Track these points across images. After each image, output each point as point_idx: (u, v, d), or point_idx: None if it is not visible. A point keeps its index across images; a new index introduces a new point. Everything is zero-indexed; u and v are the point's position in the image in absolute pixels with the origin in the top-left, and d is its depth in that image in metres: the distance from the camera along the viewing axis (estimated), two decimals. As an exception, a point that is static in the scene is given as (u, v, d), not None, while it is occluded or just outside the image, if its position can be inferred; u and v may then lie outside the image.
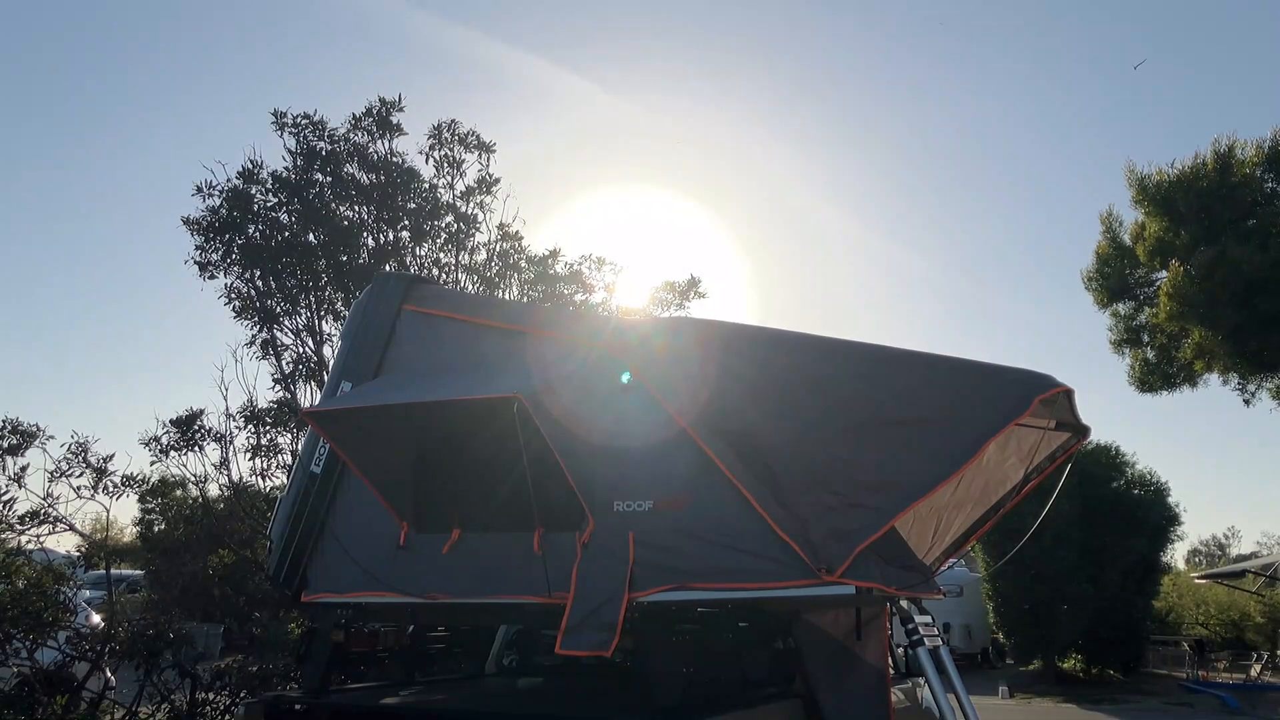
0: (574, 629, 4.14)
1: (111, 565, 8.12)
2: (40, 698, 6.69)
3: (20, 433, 7.69)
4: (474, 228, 10.08)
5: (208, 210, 9.23)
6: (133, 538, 29.15)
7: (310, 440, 4.99)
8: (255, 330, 9.03)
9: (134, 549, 24.50)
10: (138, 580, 14.30)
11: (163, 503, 17.81)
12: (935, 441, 4.03)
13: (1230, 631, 33.54)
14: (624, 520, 4.27)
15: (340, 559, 4.73)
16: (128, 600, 8.86)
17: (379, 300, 5.06)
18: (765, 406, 4.24)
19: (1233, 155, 17.92)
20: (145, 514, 23.49)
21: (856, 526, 3.96)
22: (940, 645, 4.67)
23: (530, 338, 4.66)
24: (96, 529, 7.86)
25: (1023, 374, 4.13)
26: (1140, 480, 25.61)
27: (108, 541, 7.79)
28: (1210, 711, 19.70)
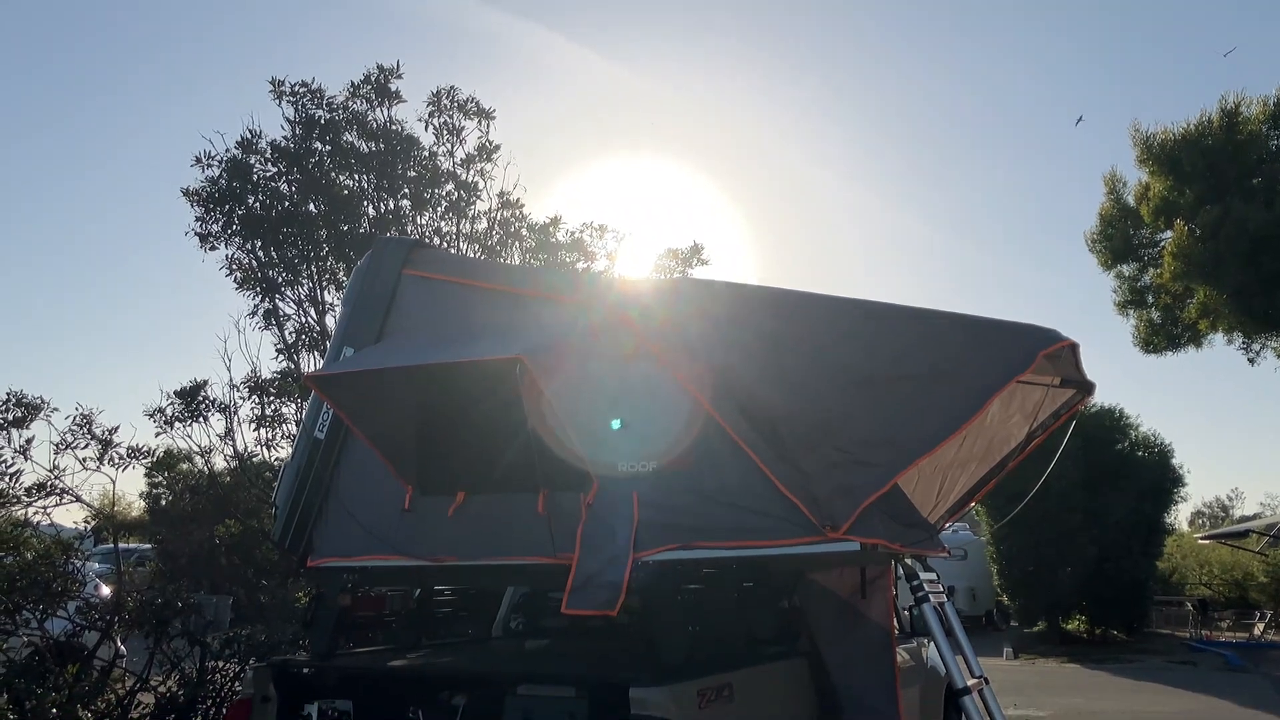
0: (580, 588, 4.16)
1: (120, 539, 8.12)
2: (51, 667, 6.74)
3: (24, 405, 7.67)
4: (475, 196, 10.03)
5: (207, 181, 9.20)
6: (140, 512, 29.23)
7: (314, 406, 4.99)
8: (257, 300, 9.03)
9: (142, 523, 24.60)
10: (146, 554, 14.39)
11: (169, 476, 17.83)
12: (939, 397, 4.03)
13: (1233, 591, 33.70)
14: (628, 480, 4.27)
15: (346, 523, 4.74)
16: (137, 573, 8.89)
17: (380, 265, 5.04)
18: (769, 364, 4.23)
19: (1239, 113, 17.80)
20: (152, 488, 23.60)
21: (861, 483, 3.96)
22: (945, 602, 4.69)
23: (533, 301, 4.65)
24: (104, 502, 7.87)
25: (1027, 328, 4.12)
26: (1144, 442, 25.67)
27: (115, 514, 7.80)
28: (1213, 669, 19.83)
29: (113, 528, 8.19)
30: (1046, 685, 17.09)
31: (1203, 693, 16.22)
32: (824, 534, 3.96)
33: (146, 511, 25.70)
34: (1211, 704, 14.92)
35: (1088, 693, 16.34)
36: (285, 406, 9.10)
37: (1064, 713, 13.89)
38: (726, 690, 4.20)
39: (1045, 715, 13.53)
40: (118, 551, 8.04)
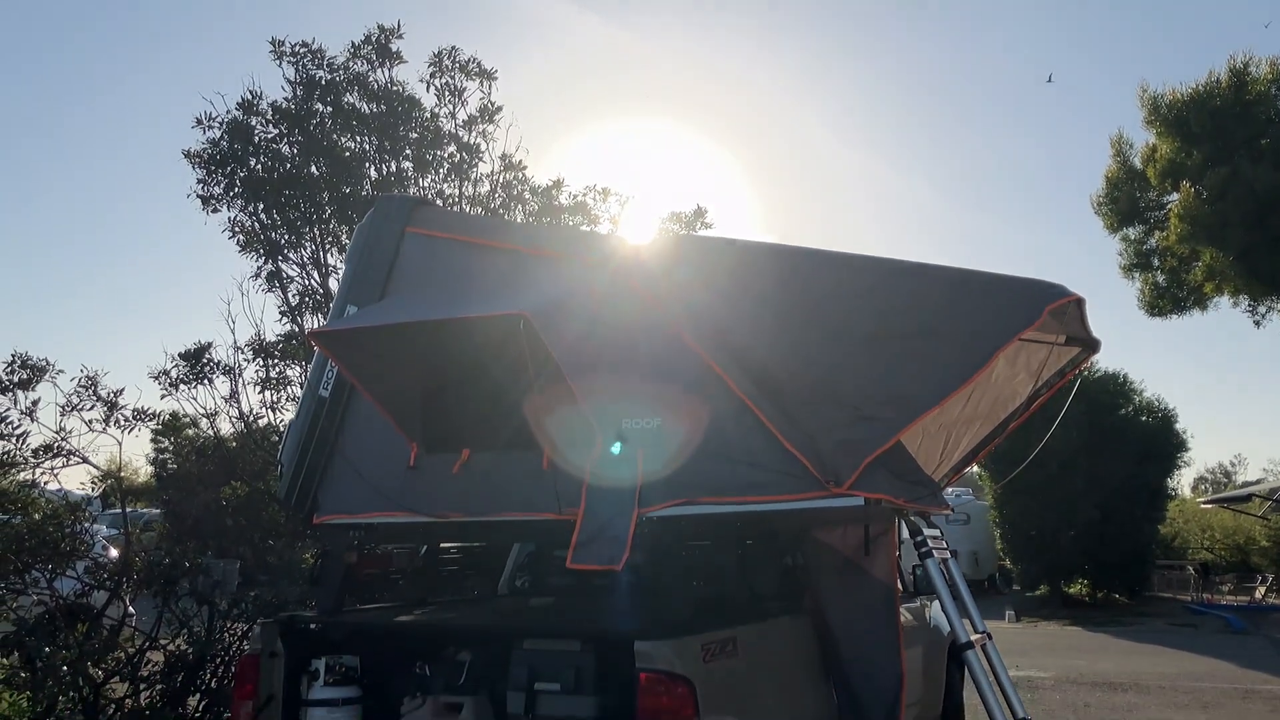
0: (584, 544, 4.18)
1: (127, 505, 8.16)
2: (61, 625, 6.80)
3: (30, 367, 7.67)
4: (477, 157, 9.97)
5: (208, 143, 9.14)
6: (147, 478, 29.42)
7: (318, 364, 5.00)
8: (260, 263, 9.01)
9: (149, 488, 24.76)
10: (154, 518, 14.51)
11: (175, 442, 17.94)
12: (944, 353, 4.02)
13: (1235, 556, 33.85)
14: (632, 437, 4.28)
15: (351, 481, 4.76)
16: (145, 536, 8.94)
17: (382, 223, 5.03)
18: (773, 321, 4.23)
19: (1247, 73, 17.61)
20: (159, 453, 23.74)
21: (865, 438, 3.96)
22: (949, 558, 4.71)
23: (536, 259, 4.64)
24: (110, 464, 7.89)
25: (1033, 283, 4.10)
26: (1148, 407, 25.70)
27: (121, 476, 7.83)
28: (1215, 632, 19.95)
29: (119, 490, 8.21)
30: (1048, 647, 17.21)
31: (1204, 654, 16.33)
32: (828, 489, 3.97)
33: (154, 476, 25.82)
34: (1213, 665, 15.02)
35: (1089, 654, 16.46)
36: (290, 369, 9.11)
37: (1066, 674, 13.99)
38: (730, 645, 4.24)
39: (1047, 676, 13.63)
40: (125, 513, 8.09)
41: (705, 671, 3.95)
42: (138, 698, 7.01)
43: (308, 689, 4.69)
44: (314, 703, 4.68)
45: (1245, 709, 11.45)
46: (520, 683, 4.26)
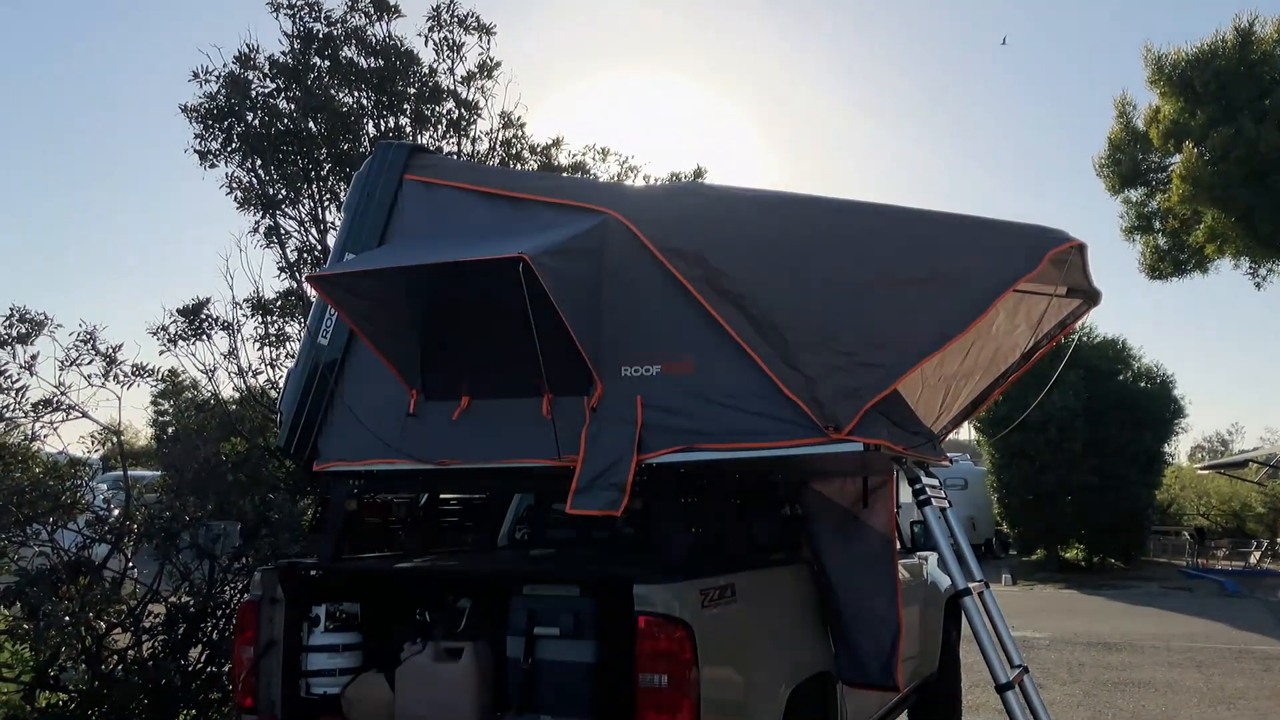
0: (584, 490, 4.19)
1: (128, 468, 8.16)
2: (63, 578, 6.83)
3: (28, 321, 7.65)
4: (475, 114, 9.88)
5: (205, 97, 9.04)
6: (148, 440, 29.39)
7: (317, 311, 4.98)
8: (258, 218, 8.96)
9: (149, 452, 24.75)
10: (154, 481, 14.50)
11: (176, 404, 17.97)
12: (945, 298, 4.01)
13: (1231, 522, 34.13)
14: (632, 384, 4.28)
15: (351, 428, 4.76)
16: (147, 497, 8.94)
17: (380, 170, 4.99)
18: (772, 267, 4.21)
19: (1252, 33, 17.44)
20: (159, 416, 23.79)
21: (864, 384, 3.96)
22: (948, 507, 4.72)
23: (535, 205, 4.61)
24: (110, 422, 7.88)
25: (1034, 229, 4.08)
26: (1146, 373, 25.78)
27: (121, 432, 7.83)
28: (1209, 595, 20.13)
29: (119, 445, 8.22)
30: (1044, 609, 17.37)
31: (1198, 616, 16.48)
32: (827, 435, 3.97)
33: (154, 439, 25.88)
34: (1207, 627, 15.16)
35: (1085, 616, 16.61)
36: (289, 326, 9.09)
37: (1061, 634, 14.12)
38: (729, 591, 4.26)
39: (1043, 637, 13.76)
40: (125, 468, 8.10)
41: (704, 617, 3.97)
42: (140, 649, 7.07)
43: (308, 635, 4.73)
44: (314, 648, 4.72)
45: (1238, 668, 11.56)
46: (520, 628, 4.28)
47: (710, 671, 3.90)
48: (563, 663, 4.20)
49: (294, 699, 4.66)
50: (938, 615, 7.75)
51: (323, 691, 4.68)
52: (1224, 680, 10.71)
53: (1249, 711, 9.18)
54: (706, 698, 3.87)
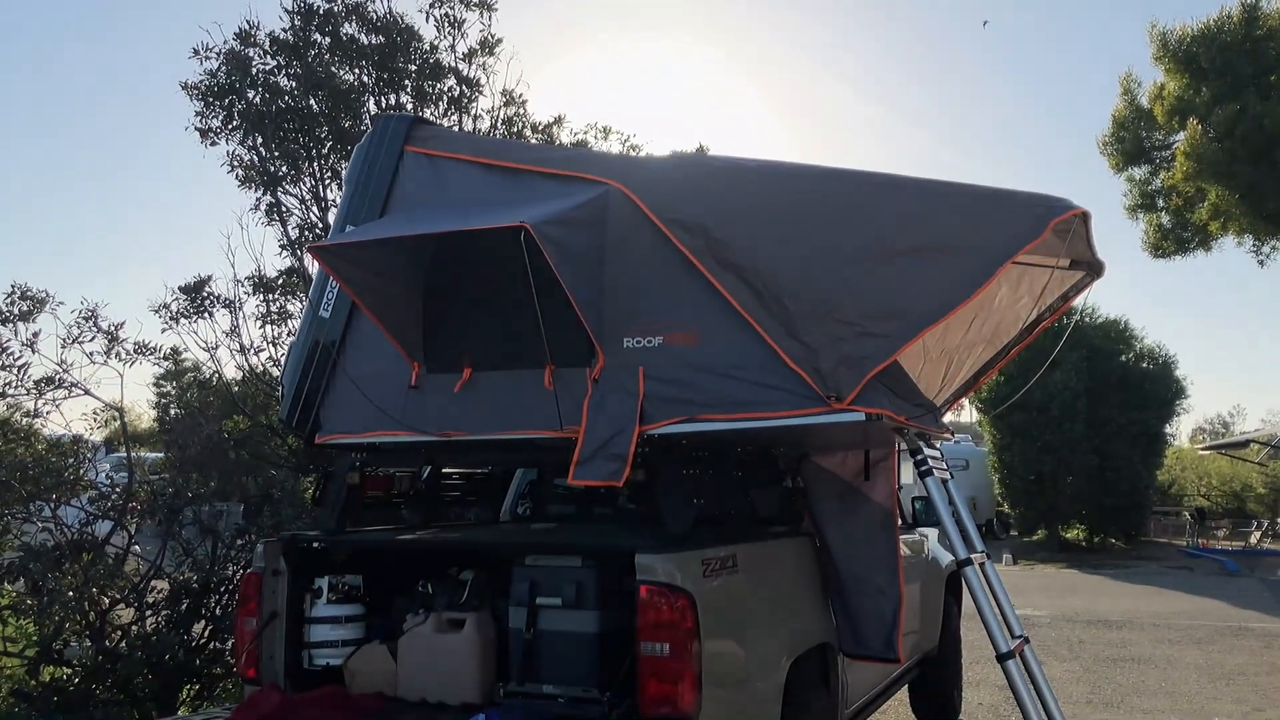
0: (586, 460, 4.19)
1: (130, 449, 8.16)
2: (67, 553, 6.86)
3: (30, 299, 7.65)
4: (477, 91, 9.83)
5: (206, 74, 8.99)
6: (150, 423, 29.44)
7: (319, 283, 4.97)
8: (260, 194, 8.93)
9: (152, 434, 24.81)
10: (157, 461, 14.54)
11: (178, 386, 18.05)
12: (948, 267, 4.00)
13: (1231, 502, 34.17)
14: (634, 355, 4.27)
15: (353, 400, 4.76)
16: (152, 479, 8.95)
17: (381, 143, 4.97)
18: (775, 238, 4.19)
19: (1258, 9, 17.34)
20: (161, 397, 23.82)
21: (866, 354, 3.95)
22: (949, 478, 4.72)
23: (537, 176, 4.60)
24: (113, 404, 7.88)
25: (1037, 197, 4.06)
26: (1148, 354, 25.77)
27: (123, 409, 7.84)
28: (1209, 574, 20.16)
29: (122, 423, 8.22)
30: (1045, 588, 17.42)
31: (1198, 595, 16.53)
32: (829, 405, 3.97)
33: (156, 420, 25.96)
34: (1207, 605, 15.21)
35: (1085, 595, 16.65)
36: (290, 304, 9.08)
37: (1062, 612, 14.17)
38: (730, 562, 4.27)
39: (1043, 615, 13.80)
40: (128, 445, 8.12)
41: (705, 586, 3.98)
42: (143, 624, 7.10)
43: (311, 607, 4.74)
44: (317, 620, 4.74)
45: (1237, 645, 11.60)
46: (522, 598, 4.29)
47: (711, 641, 3.92)
48: (565, 633, 4.21)
49: (297, 670, 4.68)
50: (939, 591, 7.77)
51: (325, 663, 4.70)
52: (1223, 657, 10.75)
53: (1248, 687, 9.21)
54: (708, 667, 3.88)
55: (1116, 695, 8.88)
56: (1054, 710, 4.41)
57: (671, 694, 3.79)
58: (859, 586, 5.17)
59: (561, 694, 4.19)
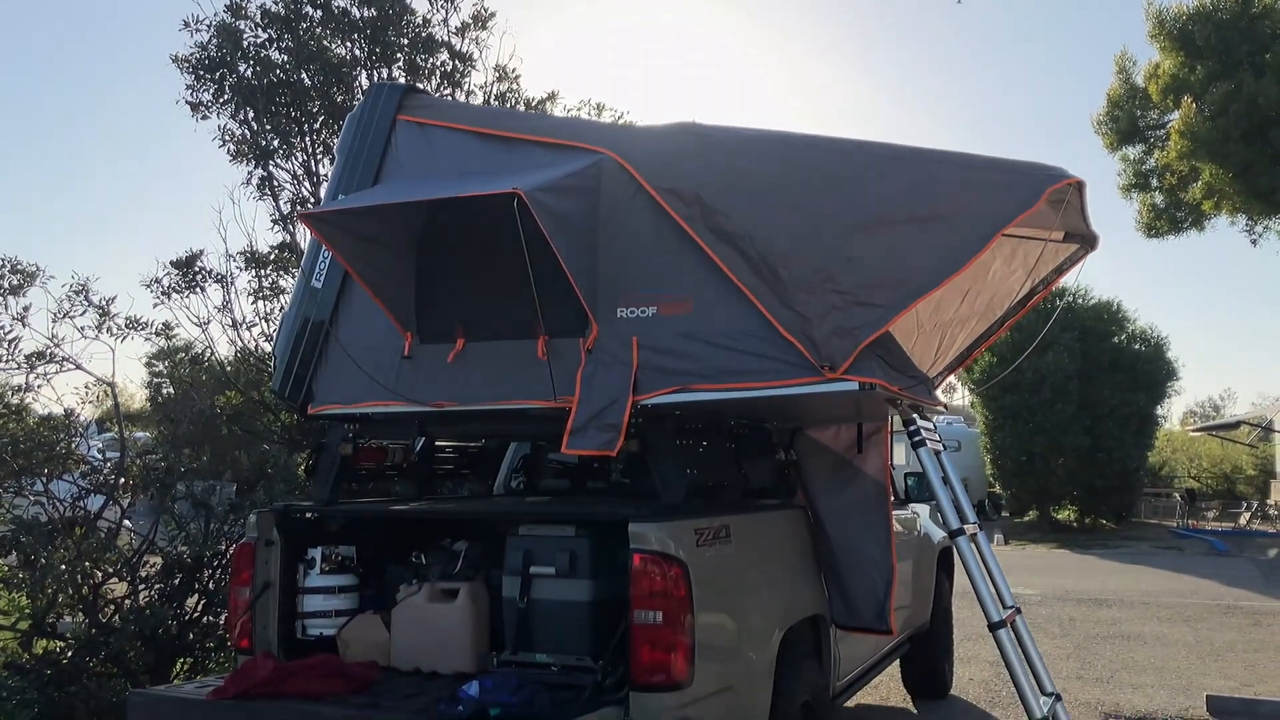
0: (579, 430, 4.18)
1: (122, 425, 8.12)
2: (59, 528, 6.84)
3: (20, 272, 7.59)
4: (470, 66, 9.77)
5: (197, 47, 8.95)
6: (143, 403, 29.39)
7: (311, 252, 4.95)
8: (251, 168, 8.88)
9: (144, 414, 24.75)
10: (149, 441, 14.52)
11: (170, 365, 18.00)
12: (942, 236, 3.99)
13: (1221, 484, 34.40)
14: (627, 325, 4.26)
15: (345, 371, 4.74)
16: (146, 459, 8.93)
17: (373, 112, 4.93)
18: (769, 207, 4.18)
19: (1256, -14, 17.30)
20: (153, 377, 23.77)
21: (860, 324, 3.95)
22: (942, 450, 4.73)
23: (531, 144, 4.57)
24: (104, 379, 7.83)
25: (1032, 166, 4.06)
26: (1140, 335, 25.86)
27: (114, 383, 7.81)
28: (1199, 554, 20.30)
29: (113, 397, 8.19)
30: (1036, 568, 17.52)
31: (1188, 574, 16.63)
32: (823, 374, 3.96)
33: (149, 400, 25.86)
34: (1196, 584, 15.31)
35: (1076, 574, 16.75)
36: (282, 279, 9.04)
37: (1053, 591, 14.25)
38: (724, 532, 4.27)
39: (1034, 593, 13.87)
40: (119, 418, 8.09)
41: (698, 555, 3.99)
42: (136, 598, 7.10)
43: (304, 577, 4.75)
44: (310, 590, 4.74)
45: (1226, 622, 11.68)
46: (515, 568, 4.30)
47: (704, 609, 3.92)
48: (558, 602, 4.22)
49: (290, 640, 4.68)
50: (930, 567, 7.80)
51: (319, 633, 4.70)
52: (1212, 634, 10.82)
53: (1237, 663, 9.28)
54: (701, 636, 3.89)
55: (1106, 671, 8.94)
56: (1044, 678, 4.44)
57: (664, 662, 3.80)
58: (852, 559, 5.18)
59: (555, 662, 4.21)
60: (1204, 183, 17.40)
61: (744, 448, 5.19)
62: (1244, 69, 16.30)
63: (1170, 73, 17.52)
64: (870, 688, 8.13)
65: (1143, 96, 18.99)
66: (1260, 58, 16.33)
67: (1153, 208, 20.01)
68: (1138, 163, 20.07)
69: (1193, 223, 19.35)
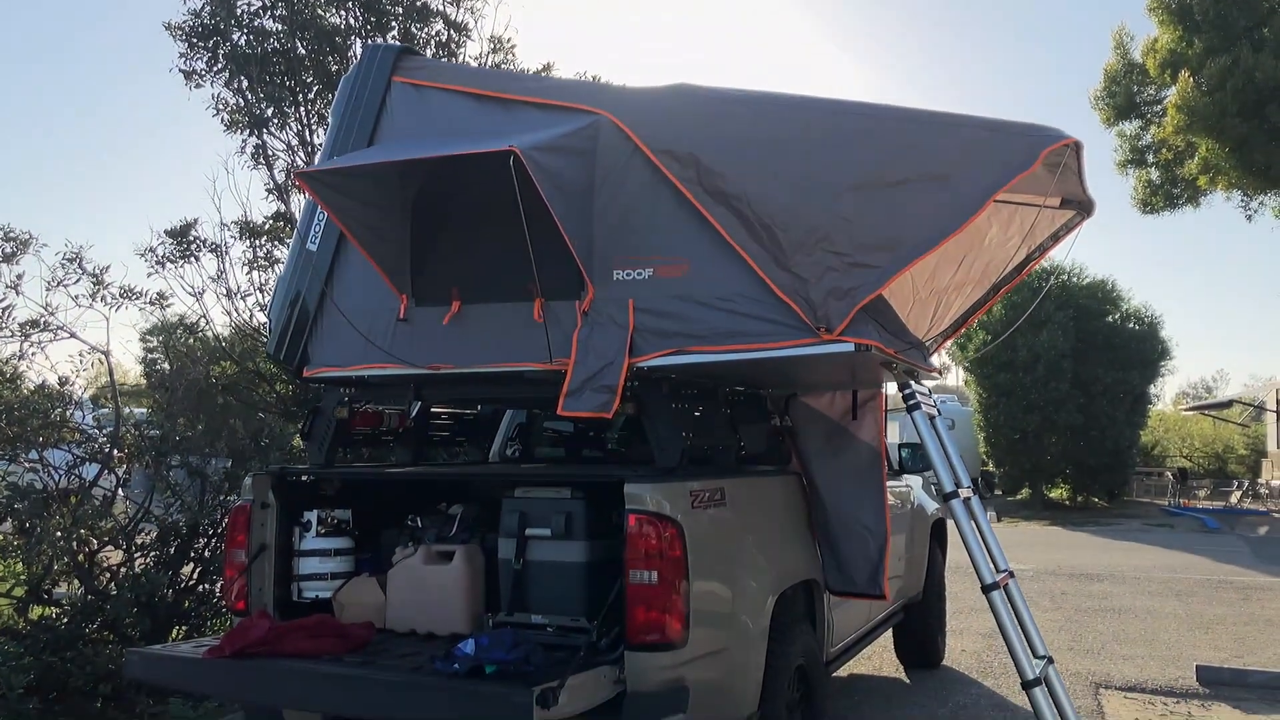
0: (575, 392, 4.18)
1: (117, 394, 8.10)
2: (55, 496, 6.84)
3: (13, 240, 7.56)
4: (465, 35, 9.73)
5: (190, 14, 8.88)
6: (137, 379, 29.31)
7: (306, 214, 4.92)
8: (246, 136, 8.84)
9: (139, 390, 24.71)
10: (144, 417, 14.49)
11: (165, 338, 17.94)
12: (939, 197, 3.97)
13: (1213, 463, 34.59)
14: (623, 287, 4.25)
15: (341, 333, 4.72)
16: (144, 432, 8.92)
17: (368, 74, 4.90)
18: (766, 168, 4.16)
19: (1254, -42, 17.21)
20: (148, 352, 23.71)
21: (857, 285, 3.94)
22: (937, 415, 4.74)
23: (527, 106, 4.54)
24: (98, 347, 7.82)
25: (1028, 127, 4.04)
26: (1135, 314, 25.93)
27: (109, 352, 7.79)
28: (1190, 531, 20.43)
29: (108, 365, 8.16)
30: (1028, 544, 17.60)
31: (1179, 550, 16.74)
32: (818, 336, 3.96)
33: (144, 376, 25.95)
34: (1187, 560, 15.40)
35: (1068, 550, 16.84)
36: (277, 249, 9.02)
37: (1044, 566, 14.33)
38: (719, 495, 4.28)
39: (1026, 568, 13.95)
40: (114, 386, 8.07)
41: (694, 517, 4.00)
42: (132, 564, 7.11)
43: (300, 540, 4.75)
44: (306, 553, 4.75)
45: (1217, 597, 11.77)
46: (511, 530, 4.31)
47: (699, 570, 3.94)
48: (553, 563, 4.24)
49: (286, 602, 4.70)
50: (924, 538, 7.84)
51: (315, 595, 4.72)
52: (1203, 608, 10.89)
53: (1226, 636, 9.35)
54: (695, 596, 3.91)
55: (1097, 643, 9.00)
56: (1037, 642, 4.47)
57: (659, 622, 3.82)
58: (846, 524, 5.20)
59: (550, 623, 4.23)
60: (1200, 158, 17.38)
61: (739, 414, 5.20)
62: (1242, 43, 16.25)
63: (1168, 47, 17.47)
64: (863, 658, 8.18)
65: (1140, 71, 18.95)
66: (1258, 32, 16.28)
67: (1148, 184, 20.02)
68: (1134, 138, 20.05)
69: (1188, 199, 19.36)
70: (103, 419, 8.04)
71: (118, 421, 7.65)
